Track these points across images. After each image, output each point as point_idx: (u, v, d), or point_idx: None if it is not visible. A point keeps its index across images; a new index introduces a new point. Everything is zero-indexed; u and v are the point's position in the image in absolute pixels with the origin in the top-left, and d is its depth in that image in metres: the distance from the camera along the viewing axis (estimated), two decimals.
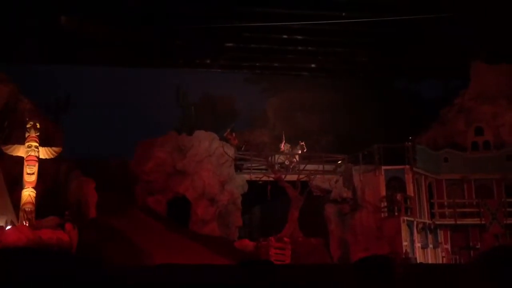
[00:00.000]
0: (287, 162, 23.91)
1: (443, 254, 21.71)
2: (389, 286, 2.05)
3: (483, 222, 21.59)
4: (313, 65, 29.85)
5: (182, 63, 29.27)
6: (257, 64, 29.98)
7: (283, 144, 24.64)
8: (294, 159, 23.93)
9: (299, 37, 26.39)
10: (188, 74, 30.38)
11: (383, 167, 21.45)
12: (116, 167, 23.26)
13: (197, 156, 22.44)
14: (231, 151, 22.98)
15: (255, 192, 22.92)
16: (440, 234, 22.08)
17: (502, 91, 24.61)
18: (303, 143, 24.55)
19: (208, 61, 29.64)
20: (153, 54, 27.71)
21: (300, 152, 24.27)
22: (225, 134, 24.30)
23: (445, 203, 22.46)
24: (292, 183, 22.15)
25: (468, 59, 25.72)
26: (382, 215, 21.13)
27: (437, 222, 21.94)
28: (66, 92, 28.33)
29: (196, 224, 21.56)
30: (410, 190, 21.19)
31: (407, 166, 21.41)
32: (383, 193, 21.23)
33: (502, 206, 21.64)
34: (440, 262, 21.27)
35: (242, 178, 23.05)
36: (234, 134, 25.03)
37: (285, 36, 26.29)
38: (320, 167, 23.49)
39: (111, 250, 15.47)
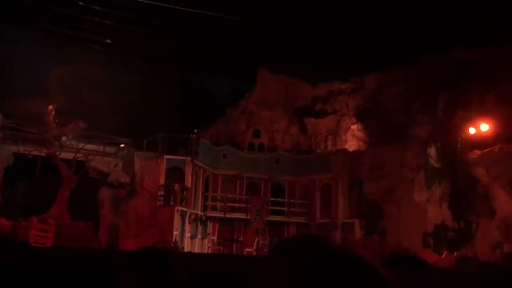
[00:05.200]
0: (64, 138, 22.10)
1: (209, 244, 22.81)
2: (168, 278, 1.93)
3: (248, 217, 23.40)
4: (108, 41, 28.34)
5: None
6: (45, 26, 27.06)
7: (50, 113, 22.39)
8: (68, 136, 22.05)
9: (98, 7, 24.72)
10: None
11: (166, 156, 21.53)
12: None
13: None
14: None
15: (22, 167, 20.57)
16: (210, 225, 23.14)
17: (280, 100, 27.21)
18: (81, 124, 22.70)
19: None
20: None
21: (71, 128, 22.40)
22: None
23: (218, 197, 23.65)
24: (68, 161, 20.62)
25: (257, 65, 27.67)
26: (158, 203, 21.15)
27: (209, 214, 22.95)
28: None
29: None
30: (189, 181, 21.73)
31: (189, 158, 21.87)
32: (162, 181, 21.31)
33: (266, 204, 23.80)
34: (206, 252, 22.28)
35: (8, 150, 20.45)
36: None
37: (81, 3, 24.32)
38: (101, 148, 22.38)
39: None
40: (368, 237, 21.74)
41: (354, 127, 25.17)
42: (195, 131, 23.61)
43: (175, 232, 20.46)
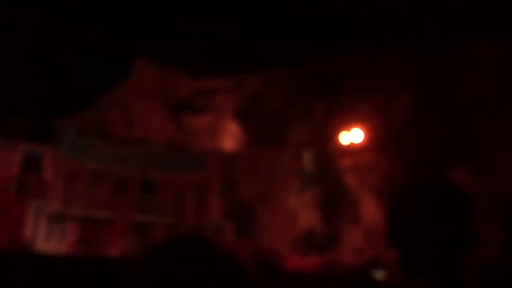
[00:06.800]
0: None
1: (67, 244, 20.86)
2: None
3: (114, 216, 21.75)
4: None
5: None
6: None
7: None
8: None
9: None
10: None
11: (22, 144, 19.24)
12: None
13: None
14: None
15: None
16: (69, 224, 21.15)
17: (157, 92, 25.83)
18: None
19: None
20: None
21: None
22: None
23: (81, 193, 21.65)
24: None
25: (134, 52, 25.89)
26: (9, 197, 18.79)
27: (69, 212, 20.94)
28: None
29: None
30: (47, 173, 19.65)
31: (50, 147, 19.81)
32: (15, 172, 18.99)
33: (136, 202, 22.35)
34: (63, 252, 20.29)
35: None
36: None
37: None
38: None
39: None
40: (238, 240, 21.47)
41: (232, 126, 24.78)
42: (59, 118, 21.39)
43: (28, 230, 18.38)
